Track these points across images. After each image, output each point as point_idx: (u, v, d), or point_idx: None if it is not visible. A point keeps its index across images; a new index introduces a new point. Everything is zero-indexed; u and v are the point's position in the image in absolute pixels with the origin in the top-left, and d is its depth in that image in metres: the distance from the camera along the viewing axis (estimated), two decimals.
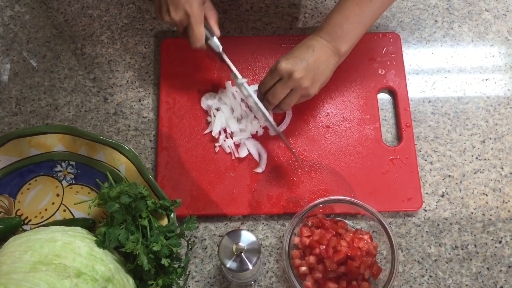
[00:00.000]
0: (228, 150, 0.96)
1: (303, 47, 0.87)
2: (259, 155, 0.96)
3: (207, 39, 0.89)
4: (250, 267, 0.76)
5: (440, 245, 0.91)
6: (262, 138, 0.97)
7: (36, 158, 0.90)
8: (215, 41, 0.90)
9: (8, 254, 0.72)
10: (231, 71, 0.92)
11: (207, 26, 0.89)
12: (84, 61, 1.04)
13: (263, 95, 0.90)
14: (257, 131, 0.97)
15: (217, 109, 0.98)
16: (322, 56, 0.86)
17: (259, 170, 0.95)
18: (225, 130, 0.97)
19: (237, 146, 0.96)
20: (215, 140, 0.97)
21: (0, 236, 0.86)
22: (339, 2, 0.88)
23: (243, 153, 0.95)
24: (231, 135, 0.97)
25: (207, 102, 0.99)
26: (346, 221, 0.91)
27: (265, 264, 0.90)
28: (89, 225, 0.88)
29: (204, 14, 0.88)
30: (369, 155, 0.96)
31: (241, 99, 0.98)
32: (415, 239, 0.92)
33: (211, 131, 0.97)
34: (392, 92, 1.02)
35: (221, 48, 0.91)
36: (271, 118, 0.92)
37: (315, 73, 0.86)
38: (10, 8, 1.09)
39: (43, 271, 0.69)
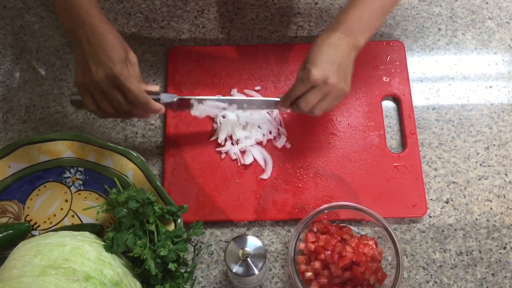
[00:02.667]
0: (234, 157, 0.97)
1: (327, 47, 0.83)
2: (265, 161, 0.97)
3: (159, 101, 0.85)
4: (256, 272, 0.77)
5: (444, 251, 0.92)
6: (268, 145, 0.98)
7: (45, 165, 0.91)
8: (165, 96, 0.86)
9: (18, 258, 0.73)
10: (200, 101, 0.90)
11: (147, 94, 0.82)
12: None
13: (292, 101, 0.87)
14: (262, 141, 0.98)
15: (223, 116, 0.99)
16: (346, 53, 0.84)
17: (265, 176, 0.96)
18: (231, 137, 0.98)
19: (243, 152, 0.97)
20: (221, 146, 0.98)
21: (10, 241, 0.87)
22: None
23: (248, 160, 0.96)
24: (237, 142, 0.98)
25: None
26: (351, 227, 0.92)
27: (270, 270, 0.91)
28: (97, 230, 0.89)
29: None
30: (374, 161, 0.97)
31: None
32: (419, 245, 0.92)
33: (217, 138, 0.98)
34: (396, 100, 1.03)
35: (175, 96, 0.88)
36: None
37: (345, 71, 0.84)
38: (20, 18, 1.11)
39: (53, 275, 0.70)
